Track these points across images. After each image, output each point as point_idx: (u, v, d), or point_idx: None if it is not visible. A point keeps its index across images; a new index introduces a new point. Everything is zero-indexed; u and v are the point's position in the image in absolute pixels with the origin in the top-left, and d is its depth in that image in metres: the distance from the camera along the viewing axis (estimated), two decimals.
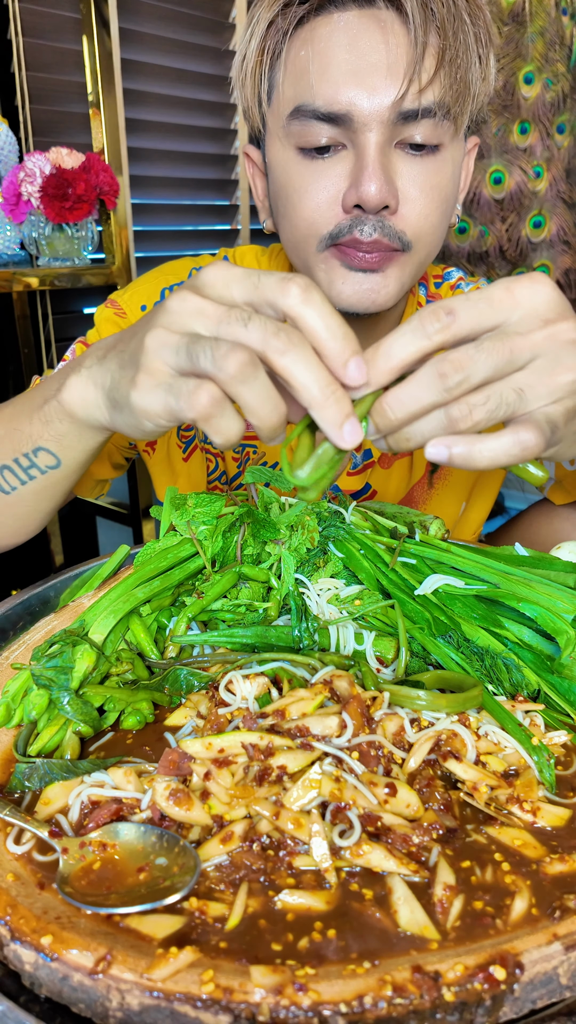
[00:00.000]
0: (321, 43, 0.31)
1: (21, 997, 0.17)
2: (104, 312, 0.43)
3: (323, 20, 0.32)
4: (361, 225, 0.32)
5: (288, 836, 0.19)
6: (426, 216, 0.34)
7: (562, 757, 0.23)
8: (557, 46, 0.99)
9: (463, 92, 0.32)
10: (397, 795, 0.20)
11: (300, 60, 0.32)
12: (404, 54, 0.31)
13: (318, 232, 0.34)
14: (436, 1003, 0.15)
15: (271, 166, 0.36)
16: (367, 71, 0.31)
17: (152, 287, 0.43)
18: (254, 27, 0.34)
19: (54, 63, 0.94)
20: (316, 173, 0.33)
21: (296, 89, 0.33)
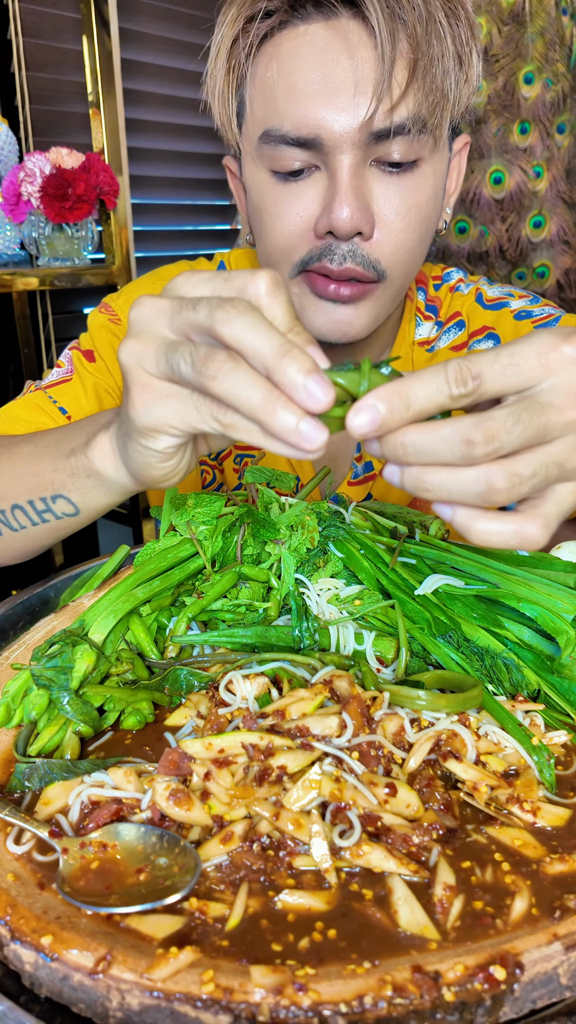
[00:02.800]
0: (287, 61, 0.30)
1: (21, 997, 0.17)
2: (98, 318, 0.42)
3: (288, 34, 0.30)
4: (331, 254, 0.31)
5: (288, 836, 0.19)
6: (402, 242, 0.32)
7: (562, 757, 0.23)
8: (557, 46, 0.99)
9: (440, 102, 0.30)
10: (397, 795, 0.20)
11: (267, 80, 0.31)
12: (372, 69, 0.29)
13: (290, 258, 0.33)
14: (436, 1003, 0.15)
15: (247, 186, 0.35)
16: (334, 90, 0.29)
17: (148, 291, 0.42)
18: (219, 44, 0.32)
19: (54, 63, 0.94)
20: (289, 196, 0.32)
21: (264, 111, 0.31)
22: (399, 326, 0.40)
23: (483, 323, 0.41)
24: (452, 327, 0.41)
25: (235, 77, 0.33)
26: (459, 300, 0.42)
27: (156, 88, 1.08)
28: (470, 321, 0.41)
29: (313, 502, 0.33)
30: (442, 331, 0.41)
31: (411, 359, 0.41)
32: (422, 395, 0.17)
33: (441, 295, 0.42)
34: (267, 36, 0.31)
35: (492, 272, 1.09)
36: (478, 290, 0.42)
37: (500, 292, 0.42)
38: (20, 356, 0.99)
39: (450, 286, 0.42)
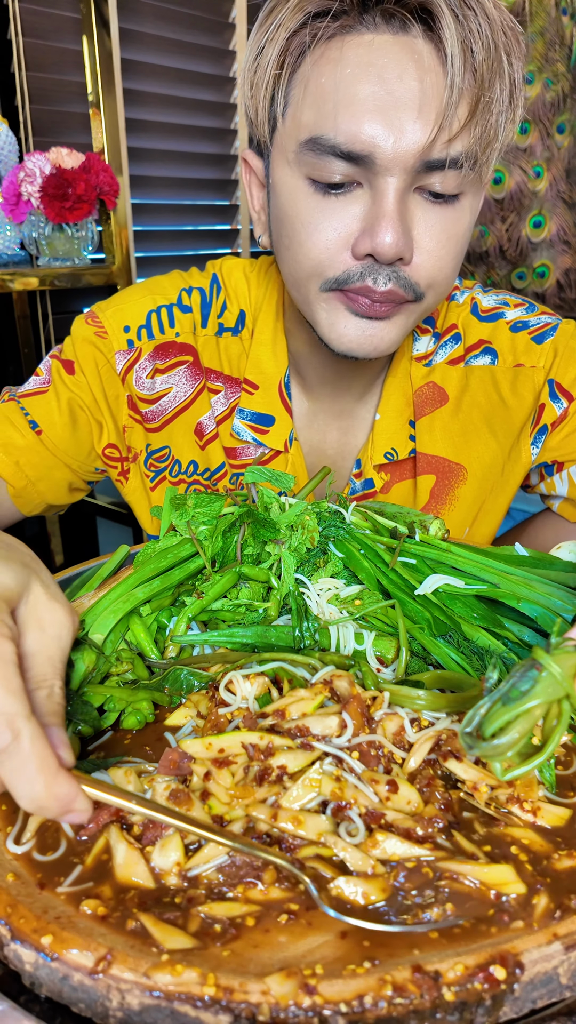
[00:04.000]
0: (349, 69, 0.28)
1: (21, 997, 0.17)
2: (83, 329, 0.40)
3: (353, 40, 0.28)
4: (375, 275, 0.30)
5: (288, 835, 0.19)
6: (440, 268, 0.32)
7: (562, 757, 0.23)
8: (557, 46, 0.99)
9: (492, 141, 0.30)
10: (398, 792, 0.20)
11: (323, 85, 0.29)
12: (437, 95, 0.28)
13: (323, 274, 0.32)
14: (436, 1003, 0.15)
15: (275, 187, 0.33)
16: (395, 109, 0.28)
17: (138, 307, 0.41)
18: (274, 31, 0.29)
19: (54, 63, 0.94)
20: (327, 211, 0.30)
21: (316, 116, 0.29)
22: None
23: (479, 336, 0.40)
24: (448, 340, 0.40)
25: (287, 72, 0.30)
26: (455, 311, 0.40)
27: (156, 88, 1.08)
28: (466, 334, 0.40)
29: (313, 502, 0.33)
30: (438, 345, 0.40)
31: (408, 374, 0.40)
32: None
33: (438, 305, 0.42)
34: (329, 37, 0.29)
35: (492, 272, 1.09)
36: (473, 300, 0.41)
37: (495, 301, 0.41)
38: (20, 356, 0.99)
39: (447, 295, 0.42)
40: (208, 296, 0.41)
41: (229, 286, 0.42)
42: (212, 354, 0.41)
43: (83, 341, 0.40)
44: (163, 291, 0.41)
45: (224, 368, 0.41)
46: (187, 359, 0.41)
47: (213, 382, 0.41)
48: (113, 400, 0.41)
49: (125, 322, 0.41)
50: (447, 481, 0.41)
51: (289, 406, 0.41)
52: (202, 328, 0.41)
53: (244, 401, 0.41)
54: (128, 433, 0.42)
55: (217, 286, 0.42)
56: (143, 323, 0.40)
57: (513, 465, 0.41)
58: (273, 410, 0.40)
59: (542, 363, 0.39)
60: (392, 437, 0.40)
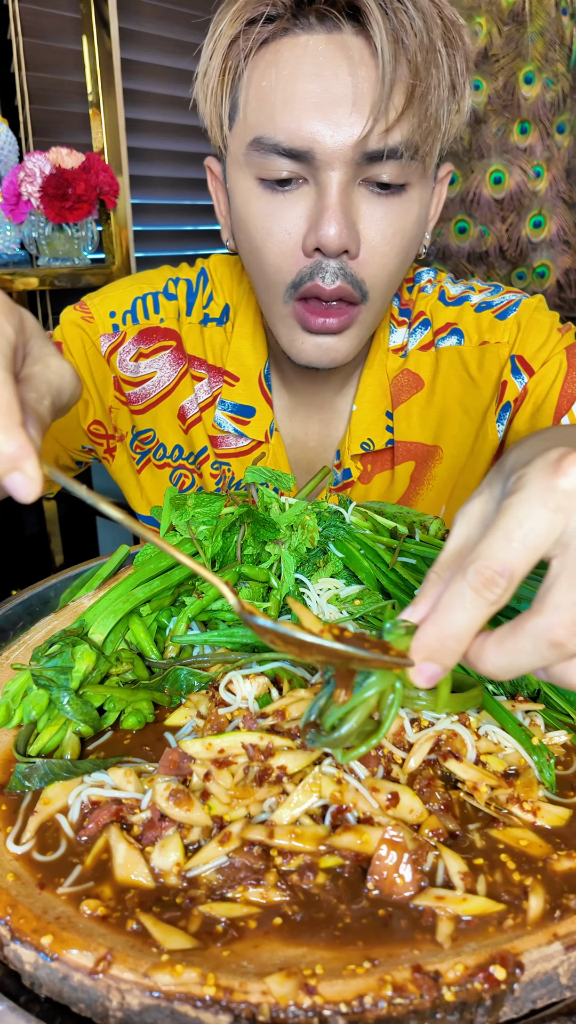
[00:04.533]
0: (286, 70, 0.29)
1: (21, 997, 0.17)
2: (71, 314, 0.42)
3: (288, 42, 0.29)
4: (323, 272, 0.31)
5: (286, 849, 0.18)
6: (385, 265, 0.32)
7: (562, 757, 0.23)
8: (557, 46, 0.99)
9: (433, 130, 0.30)
10: (400, 802, 0.20)
11: (264, 87, 0.30)
12: (371, 89, 0.29)
13: (283, 280, 0.32)
14: (436, 1003, 0.15)
15: (232, 191, 0.34)
16: (332, 105, 0.29)
17: (125, 294, 0.42)
18: (215, 42, 0.31)
19: (54, 63, 0.94)
20: (277, 210, 0.31)
21: (258, 117, 0.31)
22: (375, 335, 0.41)
23: (446, 320, 0.40)
24: (418, 327, 0.40)
25: (230, 78, 0.32)
26: (423, 300, 0.41)
27: (156, 88, 1.08)
28: (434, 319, 0.41)
29: (313, 502, 0.33)
30: (409, 332, 0.41)
31: (385, 365, 0.41)
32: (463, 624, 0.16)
33: (413, 297, 0.42)
34: (266, 41, 0.30)
35: (492, 272, 1.09)
36: (441, 288, 0.41)
37: (462, 288, 0.41)
38: None
39: (419, 287, 0.42)
40: (194, 287, 0.42)
41: (216, 279, 0.42)
42: (196, 342, 0.42)
43: (70, 324, 0.42)
44: (150, 280, 0.43)
45: (208, 357, 0.42)
46: (171, 344, 0.42)
47: (197, 369, 0.42)
48: (100, 380, 0.42)
49: (111, 308, 0.42)
50: (425, 464, 0.41)
51: (269, 398, 0.41)
52: (187, 316, 0.42)
53: (225, 392, 0.41)
54: (114, 414, 0.43)
55: (204, 278, 0.42)
56: (128, 309, 0.42)
57: (482, 444, 0.40)
58: (254, 401, 0.41)
59: (506, 338, 0.39)
60: (369, 427, 0.40)
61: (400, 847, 0.18)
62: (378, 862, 0.18)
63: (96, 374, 0.42)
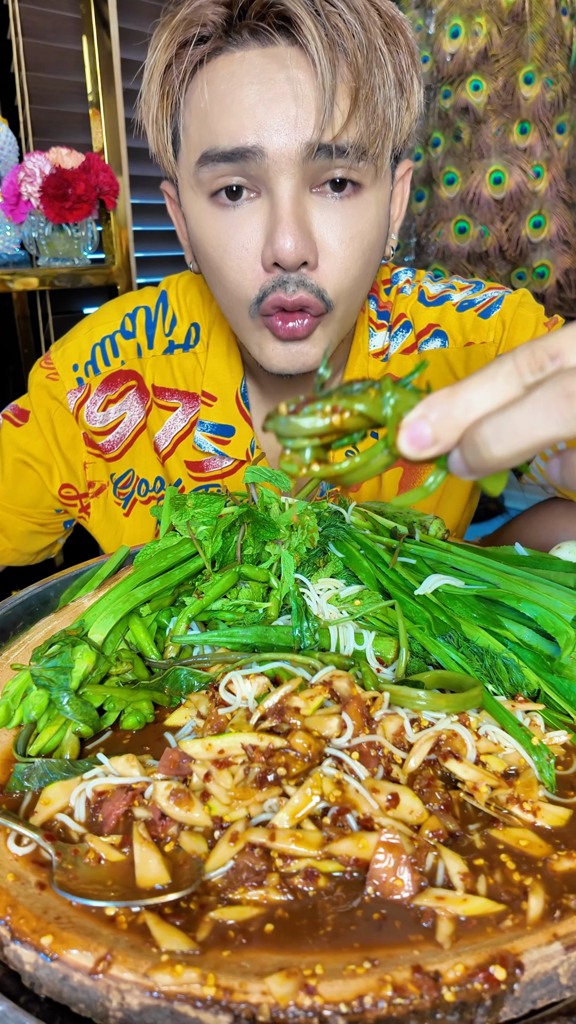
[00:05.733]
0: (222, 84, 0.29)
1: (21, 997, 0.17)
2: (37, 374, 0.42)
3: (223, 60, 0.29)
4: (284, 285, 0.30)
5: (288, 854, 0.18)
6: (346, 271, 0.31)
7: (562, 757, 0.23)
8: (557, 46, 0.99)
9: (381, 130, 0.29)
10: (400, 803, 0.20)
11: (202, 105, 0.29)
12: (312, 93, 0.28)
13: (246, 297, 0.32)
14: (436, 1003, 0.15)
15: (187, 214, 0.33)
16: (274, 104, 0.28)
17: (84, 341, 0.41)
18: (152, 69, 0.31)
19: (54, 63, 0.94)
20: (231, 226, 0.31)
21: (200, 134, 0.30)
22: (353, 339, 0.40)
23: (428, 321, 0.39)
24: (399, 330, 0.39)
25: (169, 104, 0.31)
26: (403, 302, 0.40)
27: None
28: (415, 321, 0.40)
29: (313, 502, 0.33)
30: (390, 336, 0.40)
31: (366, 370, 0.40)
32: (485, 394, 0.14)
33: (391, 298, 0.41)
34: (201, 62, 0.29)
35: (492, 272, 1.09)
36: (420, 288, 0.40)
37: (442, 287, 0.41)
38: (20, 356, 0.99)
39: (397, 288, 0.41)
40: (153, 314, 0.42)
41: (183, 300, 0.42)
42: (164, 373, 0.42)
43: (38, 387, 0.42)
44: (107, 320, 0.42)
45: (179, 384, 0.42)
46: (133, 383, 0.42)
47: (168, 399, 0.42)
48: (67, 443, 0.42)
49: (72, 360, 0.42)
50: (414, 469, 0.41)
51: (248, 416, 0.41)
52: (148, 349, 0.42)
53: (203, 413, 0.41)
54: (90, 469, 0.43)
55: (164, 303, 0.42)
56: (88, 359, 0.42)
57: None
58: (232, 420, 0.41)
59: (492, 338, 0.38)
60: None
61: (398, 849, 0.18)
62: (376, 866, 0.18)
63: (63, 438, 0.42)
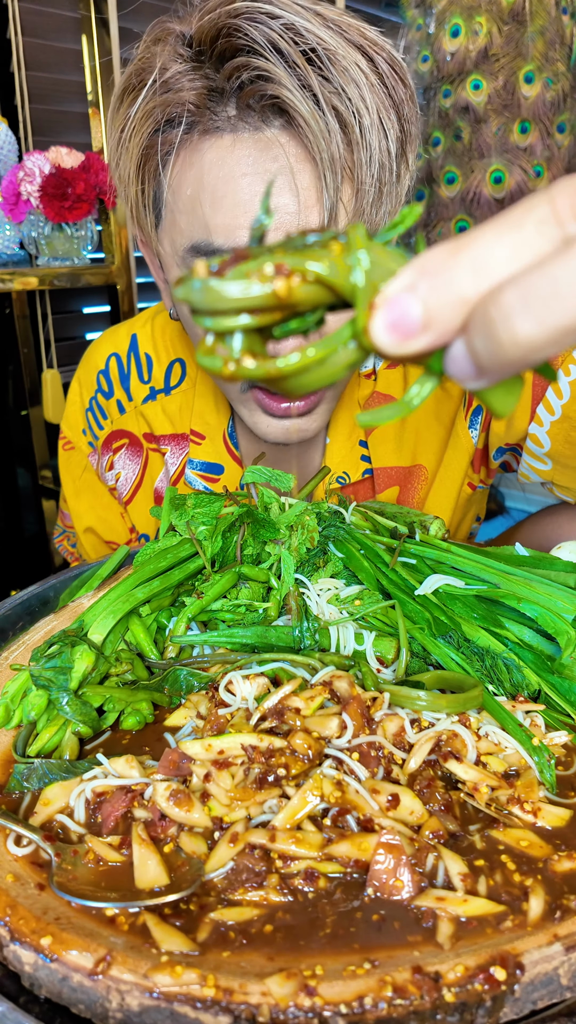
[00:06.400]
0: (213, 173, 0.26)
1: (21, 998, 0.17)
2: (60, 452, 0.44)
3: (211, 143, 0.26)
4: None
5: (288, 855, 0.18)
6: None
7: (563, 757, 0.22)
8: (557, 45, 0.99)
9: (384, 199, 0.27)
10: (400, 804, 0.19)
11: (189, 194, 0.27)
12: (314, 184, 0.26)
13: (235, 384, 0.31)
14: (436, 1004, 0.15)
15: (171, 279, 0.32)
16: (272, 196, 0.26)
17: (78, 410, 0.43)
18: (125, 144, 0.28)
19: (54, 63, 0.95)
20: None
21: (190, 223, 0.28)
22: None
23: None
24: None
25: (150, 179, 0.29)
26: None
27: None
28: None
29: (313, 502, 0.33)
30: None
31: (355, 393, 0.39)
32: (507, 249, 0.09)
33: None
34: (185, 144, 0.27)
35: None
36: None
37: None
38: (19, 356, 0.99)
39: None
40: (126, 365, 0.41)
41: (160, 339, 0.41)
42: (152, 420, 0.41)
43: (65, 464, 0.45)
44: (87, 380, 0.43)
45: (168, 428, 0.41)
46: (124, 441, 0.42)
47: (163, 445, 0.42)
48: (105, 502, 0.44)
49: (78, 426, 0.43)
50: (410, 485, 0.40)
51: (236, 455, 0.40)
52: (129, 402, 0.41)
53: (193, 451, 0.41)
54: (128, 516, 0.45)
55: (135, 347, 0.41)
56: (86, 426, 0.43)
57: (454, 451, 0.39)
58: (221, 459, 0.40)
59: None
60: (343, 460, 0.39)
61: (398, 851, 0.18)
62: (376, 867, 0.18)
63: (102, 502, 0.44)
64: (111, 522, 0.45)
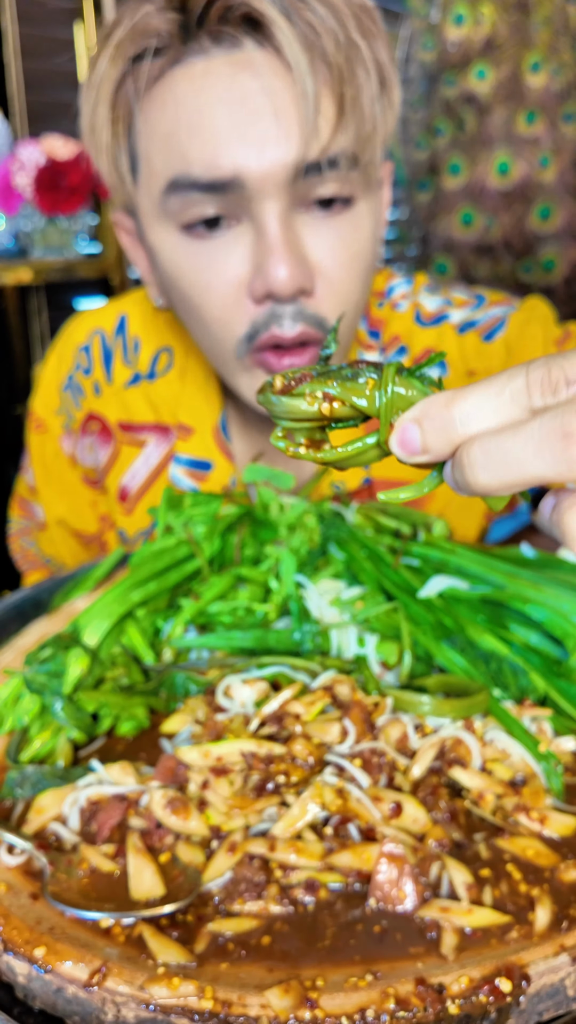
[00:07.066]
0: (187, 101, 0.25)
1: (15, 1009, 0.17)
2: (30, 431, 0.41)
3: (183, 73, 0.25)
4: (279, 319, 0.27)
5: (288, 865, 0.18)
6: (348, 295, 0.28)
7: (570, 764, 0.22)
8: (562, 35, 0.97)
9: (370, 135, 0.26)
10: (404, 812, 0.19)
11: (163, 127, 0.25)
12: (293, 102, 0.24)
13: (233, 335, 0.28)
14: (440, 1016, 0.15)
15: (155, 251, 0.29)
16: (250, 125, 0.25)
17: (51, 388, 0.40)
18: (98, 87, 0.26)
19: (48, 51, 0.93)
20: (210, 259, 0.27)
21: (166, 159, 0.26)
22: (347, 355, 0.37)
23: (423, 346, 0.35)
24: (394, 355, 0.36)
25: (123, 127, 0.27)
26: (397, 321, 0.36)
27: None
28: (411, 345, 0.36)
29: (313, 502, 0.32)
30: (385, 359, 0.38)
31: None
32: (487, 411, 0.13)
33: (384, 315, 0.36)
34: (157, 77, 0.26)
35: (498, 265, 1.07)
36: (416, 307, 0.36)
37: (439, 303, 0.36)
38: (13, 351, 0.97)
39: (392, 303, 0.36)
40: (111, 342, 0.37)
41: (151, 323, 0.38)
42: (130, 407, 0.38)
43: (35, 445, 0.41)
44: (64, 355, 0.40)
45: (149, 416, 0.37)
46: (96, 427, 0.39)
47: (138, 435, 0.38)
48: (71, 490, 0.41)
49: (51, 406, 0.40)
50: (412, 502, 0.38)
51: (228, 450, 0.37)
52: (108, 385, 0.38)
53: (180, 446, 0.37)
54: (100, 504, 0.42)
55: (123, 327, 0.38)
56: (60, 406, 0.40)
57: None
58: (210, 455, 0.37)
59: (496, 364, 0.34)
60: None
61: (400, 861, 0.17)
62: (379, 877, 0.17)
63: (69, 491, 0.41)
64: (81, 511, 0.41)
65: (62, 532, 0.42)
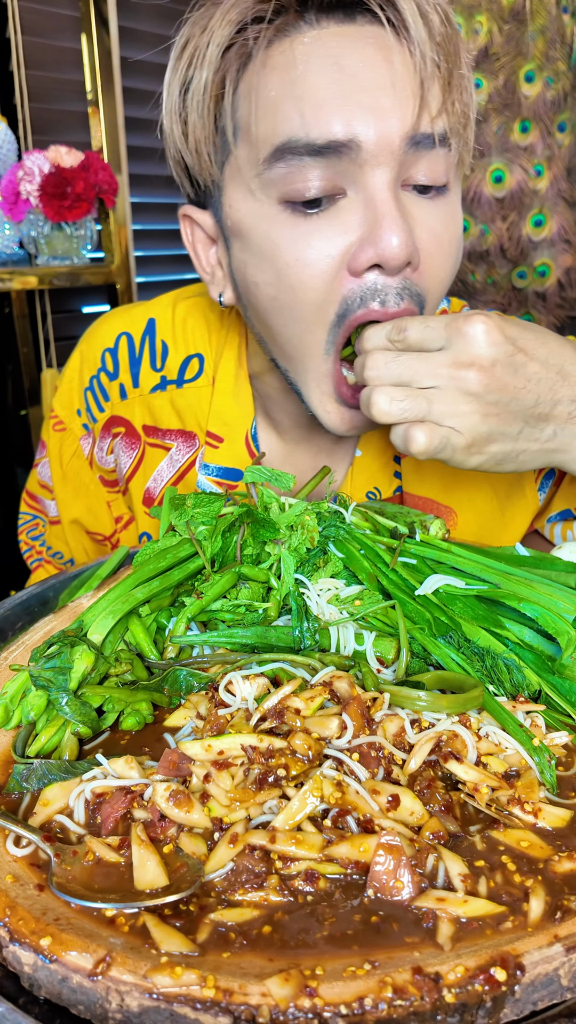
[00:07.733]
0: (300, 67, 0.25)
1: (20, 999, 0.17)
2: (48, 431, 0.41)
3: (295, 40, 0.25)
4: (383, 295, 0.26)
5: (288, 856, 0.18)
6: (443, 278, 0.28)
7: (563, 758, 0.22)
8: (558, 44, 0.99)
9: (467, 121, 0.27)
10: (401, 804, 0.19)
11: (274, 94, 0.25)
12: (408, 73, 0.25)
13: (326, 316, 0.27)
14: (436, 1005, 0.15)
15: (241, 227, 0.28)
16: (366, 92, 0.25)
17: (75, 386, 0.39)
18: (202, 54, 0.26)
19: (53, 61, 0.94)
20: (311, 233, 0.26)
21: (275, 123, 0.25)
22: None
23: None
24: None
25: (231, 89, 0.26)
26: None
27: (155, 87, 1.05)
28: None
29: (313, 502, 0.32)
30: None
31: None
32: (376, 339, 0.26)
33: None
34: (267, 45, 0.26)
35: (493, 271, 1.09)
36: None
37: None
38: (19, 355, 0.99)
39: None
40: (138, 347, 0.37)
41: (180, 330, 0.37)
42: (156, 411, 0.37)
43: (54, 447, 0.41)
44: (91, 356, 0.39)
45: (174, 423, 0.37)
46: (121, 430, 0.39)
47: (163, 439, 0.38)
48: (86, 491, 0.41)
49: (72, 406, 0.40)
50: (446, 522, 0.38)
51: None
52: (134, 388, 0.37)
53: (208, 455, 0.37)
54: (114, 505, 0.42)
55: (152, 332, 0.37)
56: (83, 406, 0.40)
57: (515, 511, 0.36)
58: (241, 464, 0.37)
59: None
60: (374, 475, 0.37)
61: (398, 851, 0.18)
62: (377, 868, 0.18)
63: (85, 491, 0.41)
64: (97, 512, 0.42)
65: (75, 531, 0.42)
